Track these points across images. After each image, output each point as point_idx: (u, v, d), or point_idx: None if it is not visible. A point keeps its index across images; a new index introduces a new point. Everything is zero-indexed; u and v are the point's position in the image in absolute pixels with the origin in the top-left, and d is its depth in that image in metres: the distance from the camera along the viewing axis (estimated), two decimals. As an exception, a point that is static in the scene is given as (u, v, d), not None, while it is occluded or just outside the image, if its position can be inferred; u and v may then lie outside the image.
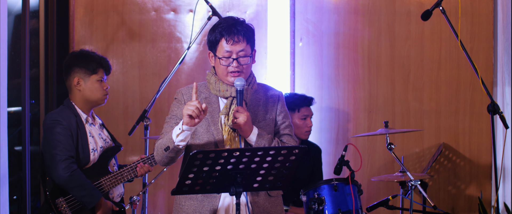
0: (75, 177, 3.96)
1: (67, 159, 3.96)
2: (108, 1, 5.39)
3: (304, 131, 4.79)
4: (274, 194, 3.40)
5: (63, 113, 4.07)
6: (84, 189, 3.97)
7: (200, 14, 5.33)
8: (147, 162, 4.21)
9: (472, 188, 5.42)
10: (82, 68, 4.11)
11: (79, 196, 4.00)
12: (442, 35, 5.39)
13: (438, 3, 4.30)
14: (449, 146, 5.42)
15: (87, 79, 4.12)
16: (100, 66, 4.14)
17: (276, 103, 3.44)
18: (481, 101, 5.34)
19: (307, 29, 5.45)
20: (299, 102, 4.80)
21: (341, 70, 5.45)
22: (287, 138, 3.42)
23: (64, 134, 3.99)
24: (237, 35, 3.27)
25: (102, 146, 4.14)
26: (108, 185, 4.10)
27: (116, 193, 4.18)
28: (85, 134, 4.07)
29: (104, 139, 4.18)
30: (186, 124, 3.17)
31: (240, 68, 3.29)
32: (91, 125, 4.15)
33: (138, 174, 4.17)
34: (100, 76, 4.14)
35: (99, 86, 4.13)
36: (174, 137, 3.21)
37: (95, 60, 4.14)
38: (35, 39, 5.16)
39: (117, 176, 4.13)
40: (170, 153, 3.25)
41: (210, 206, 3.30)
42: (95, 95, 4.14)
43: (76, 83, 4.12)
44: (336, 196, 4.12)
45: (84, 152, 4.04)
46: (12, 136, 4.71)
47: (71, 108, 4.10)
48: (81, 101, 4.13)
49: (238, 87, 3.24)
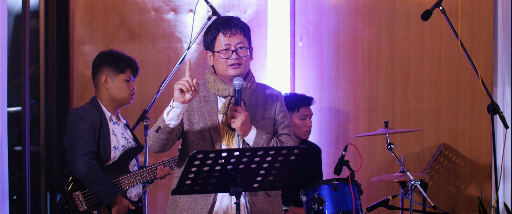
0: (93, 172, 3.98)
1: (87, 154, 3.99)
2: (108, 1, 5.39)
3: (304, 131, 4.79)
4: (273, 194, 3.40)
5: (88, 110, 4.10)
6: (102, 185, 3.99)
7: (200, 14, 5.33)
8: (168, 165, 4.23)
9: (472, 188, 5.42)
10: (111, 67, 4.15)
11: (96, 191, 4.02)
12: (442, 35, 5.39)
13: (438, 3, 4.30)
14: (449, 146, 5.42)
15: (115, 78, 4.15)
16: (128, 67, 4.18)
17: (275, 103, 3.44)
18: (481, 101, 5.34)
19: (307, 29, 5.45)
20: (298, 102, 4.80)
21: (341, 70, 5.45)
22: (286, 137, 3.42)
23: (86, 130, 4.02)
24: (234, 27, 3.29)
25: (123, 146, 4.16)
26: (127, 184, 4.12)
27: (134, 192, 4.20)
28: (108, 131, 4.09)
29: (126, 138, 4.20)
30: (177, 100, 3.15)
31: (239, 61, 3.29)
32: (115, 124, 4.17)
33: (157, 176, 4.19)
34: (127, 76, 4.16)
35: (126, 85, 4.16)
36: (165, 115, 3.19)
37: (124, 60, 4.18)
38: (35, 39, 5.16)
39: (136, 176, 4.15)
40: (161, 134, 3.22)
41: (204, 204, 3.30)
42: (122, 94, 4.16)
43: (103, 81, 4.15)
44: (336, 196, 4.12)
45: (105, 149, 4.07)
46: (12, 136, 4.71)
47: (96, 105, 4.14)
48: (107, 99, 4.16)
49: (237, 86, 3.24)
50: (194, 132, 3.34)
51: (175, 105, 3.17)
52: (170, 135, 3.24)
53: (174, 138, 3.31)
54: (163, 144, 3.27)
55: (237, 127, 3.24)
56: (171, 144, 3.32)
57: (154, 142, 3.27)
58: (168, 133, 3.22)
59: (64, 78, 5.40)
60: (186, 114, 3.36)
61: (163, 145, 3.27)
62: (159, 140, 3.25)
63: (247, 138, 3.29)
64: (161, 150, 3.31)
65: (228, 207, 3.32)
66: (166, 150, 3.32)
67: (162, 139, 3.24)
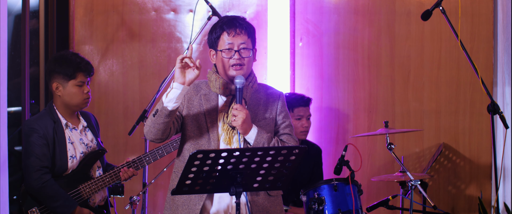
0: (46, 188, 3.90)
1: (39, 170, 3.91)
2: (108, 1, 5.39)
3: (299, 132, 4.78)
4: (274, 193, 3.40)
5: (40, 120, 4.01)
6: (57, 200, 3.92)
7: (200, 14, 5.33)
8: (133, 166, 4.10)
9: (472, 188, 5.42)
10: (60, 74, 4.03)
11: (52, 207, 3.95)
12: (442, 35, 5.39)
13: (438, 3, 4.30)
14: (449, 146, 5.42)
15: (66, 84, 4.03)
16: (78, 71, 4.03)
17: (277, 103, 3.44)
18: (481, 101, 5.34)
19: (307, 29, 5.45)
20: (294, 102, 4.78)
21: (341, 70, 5.45)
22: (287, 137, 3.42)
23: (38, 144, 3.93)
24: (239, 27, 3.28)
25: (83, 152, 4.06)
26: (88, 192, 4.03)
27: (98, 198, 4.12)
28: (64, 140, 4.00)
29: (86, 144, 4.09)
30: (177, 80, 3.14)
31: (241, 61, 3.28)
32: (72, 130, 4.07)
33: (121, 179, 4.08)
34: (79, 80, 4.03)
35: (78, 91, 4.04)
36: (163, 97, 3.16)
37: (73, 65, 4.03)
38: (35, 39, 5.16)
39: (98, 182, 4.05)
40: (158, 117, 3.16)
41: (197, 199, 3.30)
42: (74, 100, 4.05)
43: (55, 88, 4.05)
44: (336, 196, 4.12)
45: (62, 160, 3.98)
46: (12, 136, 4.70)
47: (51, 112, 4.04)
48: (61, 106, 4.07)
49: (238, 85, 3.23)
50: (193, 129, 3.33)
51: (174, 86, 3.16)
52: (167, 119, 3.18)
53: (171, 127, 3.25)
54: (158, 130, 3.20)
55: (238, 125, 3.23)
56: (167, 134, 3.25)
57: (150, 128, 3.22)
58: (165, 116, 3.16)
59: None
60: (186, 110, 3.35)
61: (159, 130, 3.20)
62: (155, 124, 3.19)
63: (248, 137, 3.28)
64: (156, 138, 3.24)
65: (229, 206, 3.32)
66: (161, 138, 3.24)
67: (159, 123, 3.18)
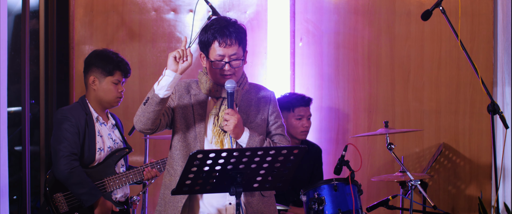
0: (75, 174, 3.97)
1: (69, 156, 3.98)
2: (108, 1, 5.39)
3: (300, 131, 4.78)
4: (267, 194, 3.40)
5: (74, 110, 4.10)
6: (83, 187, 3.99)
7: (200, 14, 5.33)
8: (156, 167, 4.20)
9: (472, 188, 5.42)
10: (99, 68, 4.13)
11: (77, 194, 4.01)
12: (442, 35, 5.39)
13: (438, 3, 4.29)
14: (449, 146, 5.42)
15: (103, 80, 4.14)
16: (117, 69, 4.15)
17: (268, 104, 3.43)
18: (481, 101, 5.34)
19: (307, 29, 5.45)
20: (294, 102, 4.78)
21: (341, 70, 5.45)
22: (279, 138, 3.41)
23: (70, 131, 4.02)
24: (230, 37, 3.25)
25: (110, 147, 4.15)
26: (111, 186, 4.11)
27: (120, 193, 4.19)
28: (94, 133, 4.09)
29: (113, 139, 4.19)
30: (169, 67, 3.15)
31: (232, 71, 3.28)
32: (102, 125, 4.17)
33: (144, 178, 4.17)
34: (116, 78, 4.14)
35: (114, 88, 4.15)
36: (155, 85, 3.16)
37: (113, 62, 4.15)
38: (35, 39, 5.16)
39: (122, 178, 4.13)
40: (148, 106, 3.13)
41: (180, 197, 3.28)
42: (108, 96, 4.15)
43: (91, 81, 4.15)
44: (336, 196, 4.12)
45: (90, 151, 4.07)
46: (12, 136, 4.71)
47: (84, 105, 4.13)
48: (94, 100, 4.16)
49: (229, 90, 3.21)
50: (182, 129, 3.32)
51: (167, 74, 3.16)
52: (158, 108, 3.14)
53: (160, 119, 3.22)
54: (148, 119, 3.16)
55: (230, 130, 3.22)
56: (157, 125, 3.20)
57: (140, 117, 3.18)
58: (156, 104, 3.13)
59: (64, 78, 5.40)
60: (177, 108, 3.33)
61: (149, 119, 3.16)
62: (145, 113, 3.16)
63: (240, 141, 3.28)
64: (146, 128, 3.19)
65: (227, 208, 3.32)
66: (151, 129, 3.20)
67: (149, 111, 3.15)
